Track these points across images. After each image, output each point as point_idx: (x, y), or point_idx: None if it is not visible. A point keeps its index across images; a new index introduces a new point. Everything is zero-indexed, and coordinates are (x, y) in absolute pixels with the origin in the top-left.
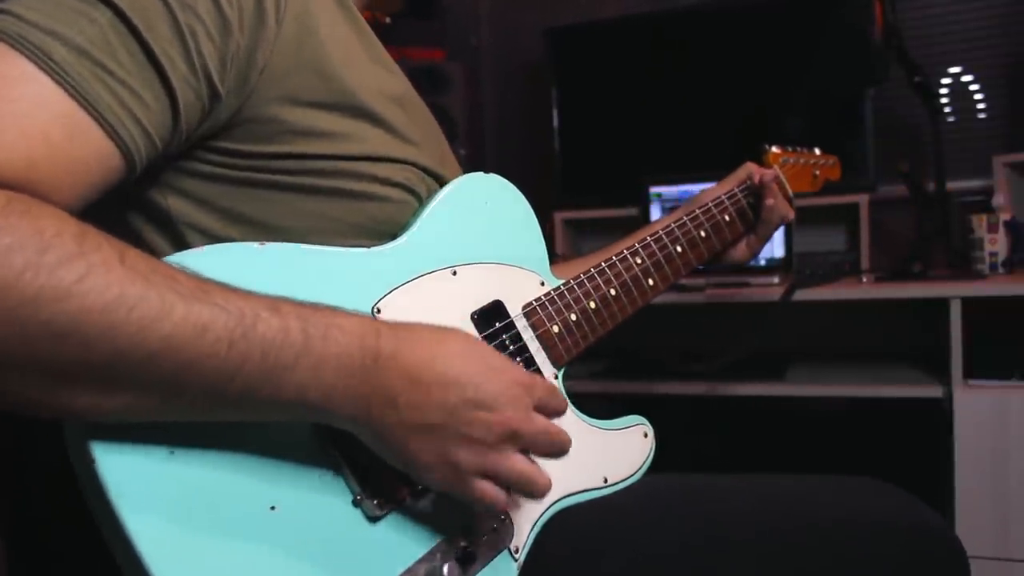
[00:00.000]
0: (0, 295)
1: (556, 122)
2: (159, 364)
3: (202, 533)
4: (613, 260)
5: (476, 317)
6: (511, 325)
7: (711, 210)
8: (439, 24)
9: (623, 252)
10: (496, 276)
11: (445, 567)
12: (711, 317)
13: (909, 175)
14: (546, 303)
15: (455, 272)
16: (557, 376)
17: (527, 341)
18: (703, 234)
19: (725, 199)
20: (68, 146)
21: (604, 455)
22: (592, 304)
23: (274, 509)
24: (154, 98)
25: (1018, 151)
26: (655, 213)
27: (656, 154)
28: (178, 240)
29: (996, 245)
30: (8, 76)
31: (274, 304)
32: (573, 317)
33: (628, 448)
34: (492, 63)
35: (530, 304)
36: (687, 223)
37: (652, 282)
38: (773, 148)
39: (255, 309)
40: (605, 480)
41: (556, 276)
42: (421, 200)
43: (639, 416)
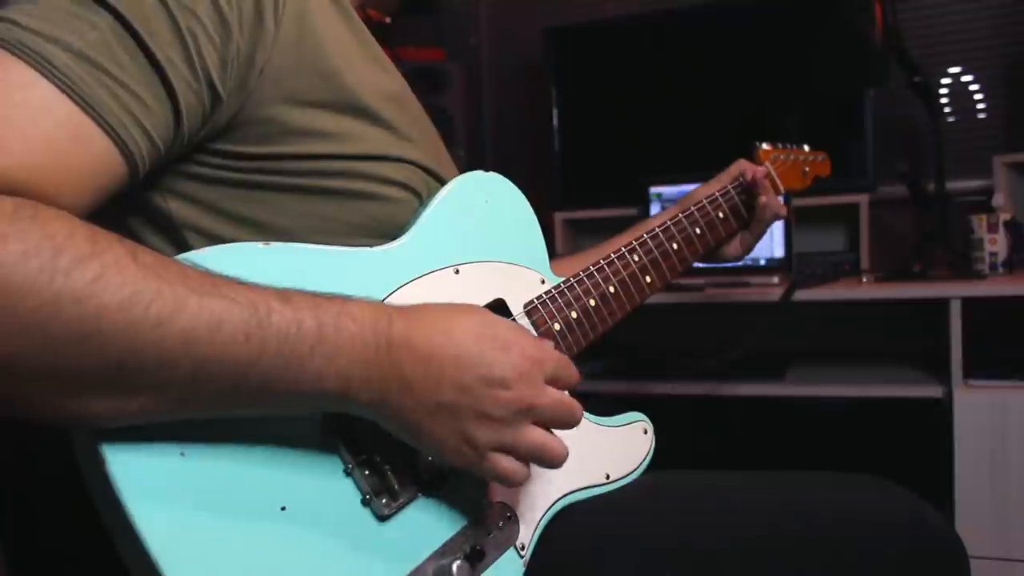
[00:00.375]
0: (19, 300)
1: (556, 122)
2: (177, 361)
3: (214, 535)
4: (612, 258)
5: None
6: None
7: (705, 207)
8: (438, 24)
9: (621, 250)
10: (498, 274)
11: (454, 565)
12: (711, 317)
13: (909, 175)
14: (547, 301)
15: (458, 271)
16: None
17: None
18: (698, 231)
19: (719, 196)
20: (72, 151)
21: (606, 452)
22: (592, 301)
23: (284, 509)
24: (156, 101)
25: (1018, 151)
26: (655, 213)
27: (656, 154)
28: (180, 243)
29: (996, 245)
30: (10, 82)
31: (285, 295)
32: (574, 315)
33: (629, 445)
34: (492, 63)
35: (531, 302)
36: (682, 220)
37: (650, 279)
38: (763, 145)
39: (267, 300)
40: (607, 477)
41: (555, 273)
42: (421, 199)
43: (639, 413)
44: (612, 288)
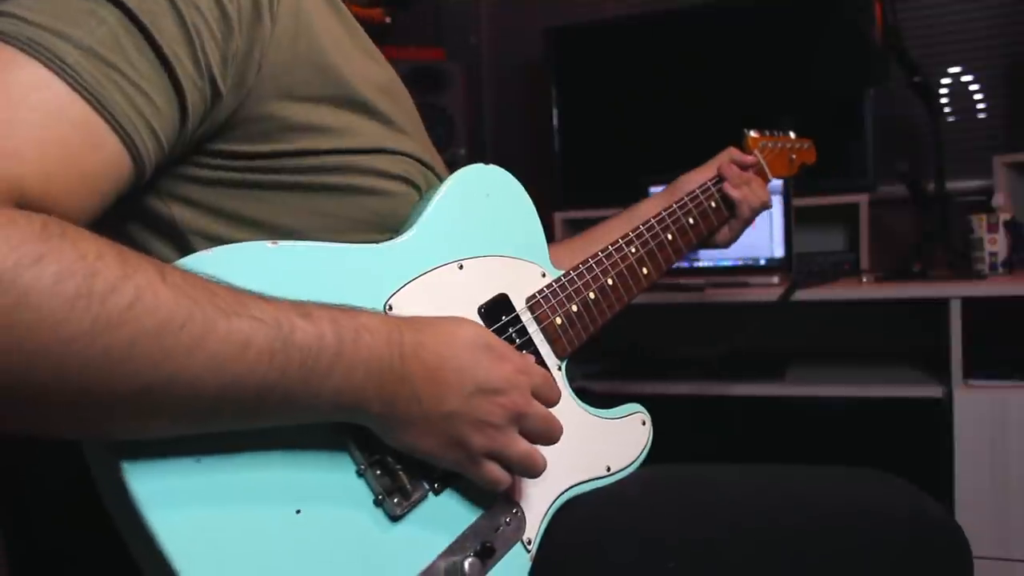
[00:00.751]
0: (56, 327)
1: (556, 122)
2: (205, 384)
3: (232, 540)
4: (610, 250)
5: (483, 311)
6: (517, 319)
7: (698, 196)
8: (439, 24)
9: (618, 241)
10: (500, 269)
11: (466, 563)
12: (711, 317)
13: (909, 175)
14: (549, 295)
15: (461, 266)
16: (560, 368)
17: (532, 335)
18: (691, 221)
19: (711, 185)
20: (85, 155)
21: (606, 444)
22: (592, 295)
23: (299, 513)
24: (165, 101)
25: (1018, 151)
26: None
27: (656, 154)
28: (183, 247)
29: (996, 245)
30: (22, 83)
31: (305, 310)
32: (574, 308)
33: (628, 436)
34: (492, 63)
35: (534, 297)
36: (676, 210)
37: (646, 270)
38: (752, 133)
39: (289, 317)
40: (608, 469)
41: (554, 265)
42: (420, 191)
43: (636, 404)
44: (611, 280)
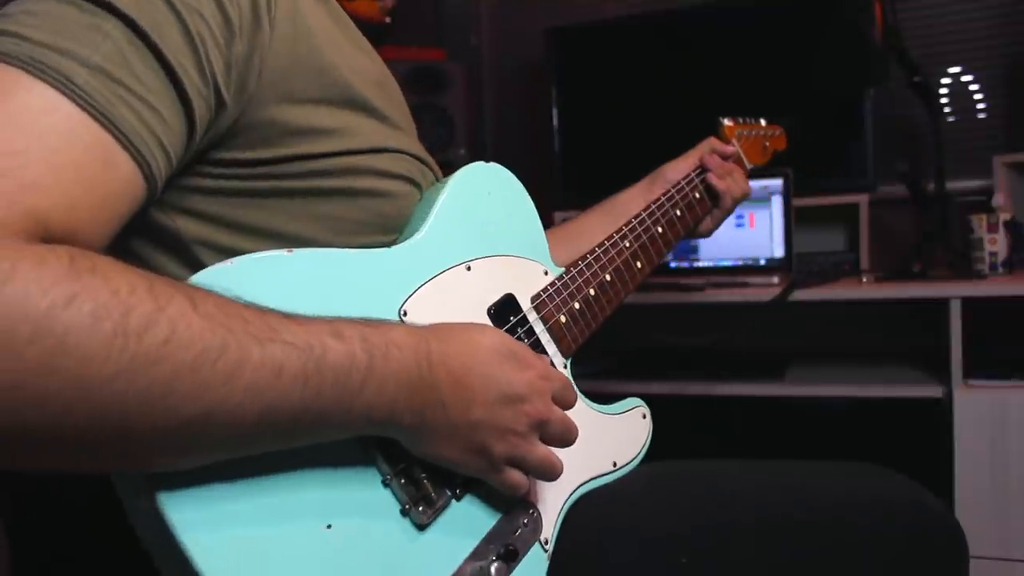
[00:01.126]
0: (95, 368)
1: (556, 122)
2: (243, 414)
3: (267, 559)
4: (606, 245)
5: (492, 312)
6: (524, 320)
7: (683, 188)
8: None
9: (613, 236)
10: (505, 268)
11: (493, 568)
12: (711, 317)
13: (909, 175)
14: (553, 294)
15: (469, 267)
16: (566, 366)
17: (539, 334)
18: (678, 213)
19: (694, 176)
20: (101, 178)
21: (611, 440)
22: (592, 291)
23: (330, 527)
24: (172, 114)
25: (1018, 151)
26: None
27: (656, 154)
28: (192, 261)
29: (996, 245)
30: (30, 107)
31: (336, 329)
32: (577, 305)
33: (631, 431)
34: (492, 63)
35: (539, 296)
36: (664, 203)
37: (640, 264)
38: (726, 121)
39: (320, 338)
40: (614, 464)
41: (555, 262)
42: (421, 190)
43: (636, 398)
44: (608, 276)
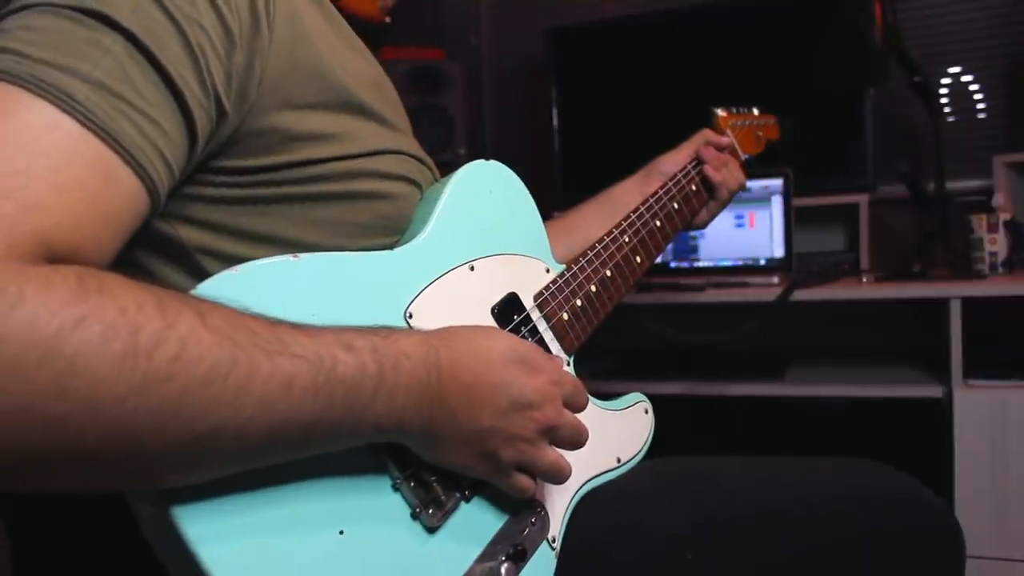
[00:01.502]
0: (106, 389)
1: (556, 122)
2: (254, 429)
3: (282, 568)
4: (606, 240)
5: (495, 311)
6: (528, 319)
7: (680, 181)
8: (439, 24)
9: (613, 232)
10: (508, 267)
11: (503, 568)
12: (711, 317)
13: (909, 175)
14: (555, 292)
15: (472, 267)
16: (569, 364)
17: (542, 333)
18: (676, 206)
19: (691, 168)
20: (104, 194)
21: (615, 436)
22: (593, 288)
23: (343, 534)
24: (173, 126)
25: (1018, 151)
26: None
27: (656, 154)
28: (195, 269)
29: (996, 245)
30: (31, 125)
31: (346, 340)
32: (579, 303)
33: (634, 426)
34: (492, 63)
35: (541, 294)
36: (662, 196)
37: (640, 259)
38: (720, 111)
39: (331, 350)
40: (618, 460)
41: (555, 260)
42: (421, 190)
43: (638, 393)
44: (609, 272)
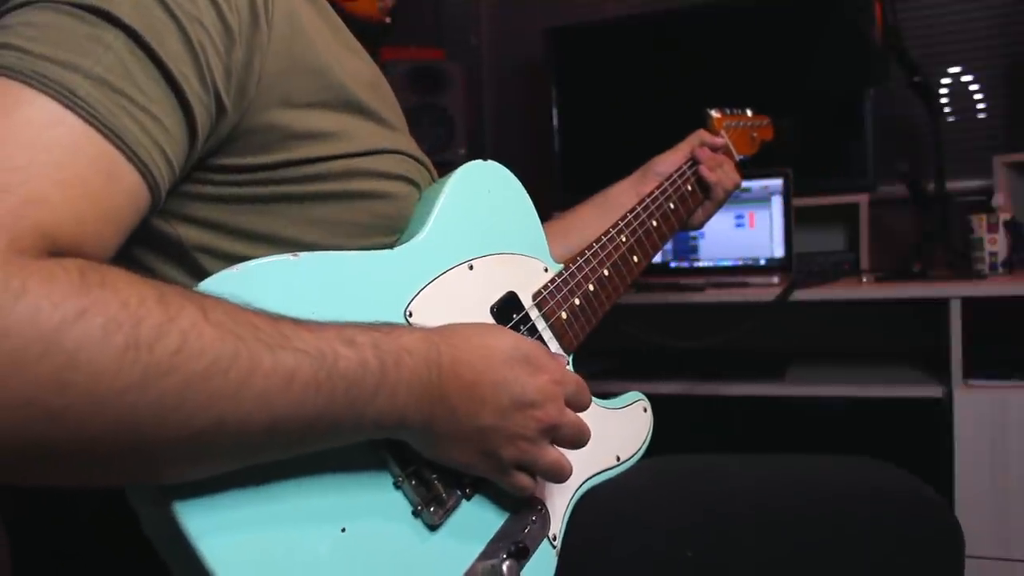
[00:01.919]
0: (107, 382)
1: (556, 122)
2: (254, 423)
3: (284, 564)
4: (603, 240)
5: (495, 310)
6: (527, 318)
7: (676, 181)
8: (439, 24)
9: (610, 231)
10: (506, 267)
11: (504, 566)
12: (711, 317)
13: (909, 175)
14: (553, 291)
15: (471, 266)
16: (568, 363)
17: (541, 331)
18: (672, 206)
19: (687, 169)
20: (107, 191)
21: (614, 435)
22: (591, 287)
23: (344, 531)
24: (174, 123)
25: (1018, 151)
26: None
27: (656, 154)
28: (194, 268)
29: (996, 245)
30: (33, 121)
31: (347, 336)
32: (577, 301)
33: (633, 425)
34: (492, 63)
35: (540, 293)
36: (658, 196)
37: (637, 259)
38: (714, 113)
39: (332, 345)
40: (618, 458)
41: (553, 259)
42: (420, 189)
43: (636, 392)
44: (607, 271)
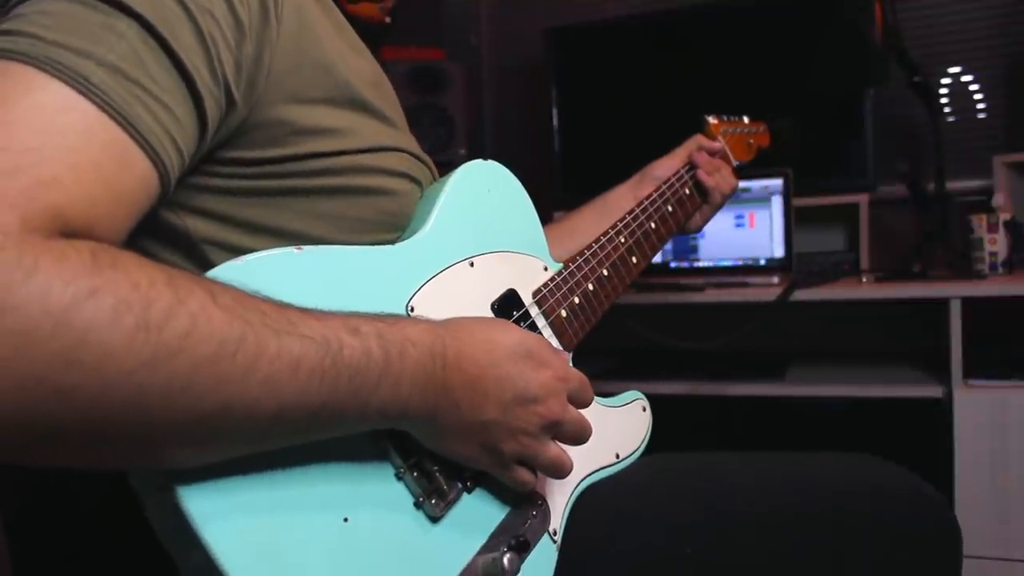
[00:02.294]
0: (117, 362)
1: (556, 122)
2: (261, 408)
3: (287, 552)
4: (602, 240)
5: (495, 307)
6: (527, 315)
7: (674, 184)
8: (439, 24)
9: (608, 232)
10: (506, 264)
11: (505, 559)
12: (711, 317)
13: (909, 175)
14: (553, 289)
15: (472, 263)
16: (568, 361)
17: (541, 329)
18: (670, 209)
19: (684, 173)
20: (118, 176)
21: (614, 432)
22: (591, 286)
23: (347, 521)
24: (185, 113)
25: (1018, 151)
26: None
27: (656, 154)
28: (201, 259)
29: (996, 245)
30: (47, 106)
31: (353, 325)
32: (576, 300)
33: (632, 423)
34: (492, 63)
35: (540, 291)
36: (656, 199)
37: (635, 260)
38: (711, 119)
39: (337, 333)
40: (617, 456)
41: (553, 258)
42: (421, 187)
43: (635, 391)
44: (606, 271)
